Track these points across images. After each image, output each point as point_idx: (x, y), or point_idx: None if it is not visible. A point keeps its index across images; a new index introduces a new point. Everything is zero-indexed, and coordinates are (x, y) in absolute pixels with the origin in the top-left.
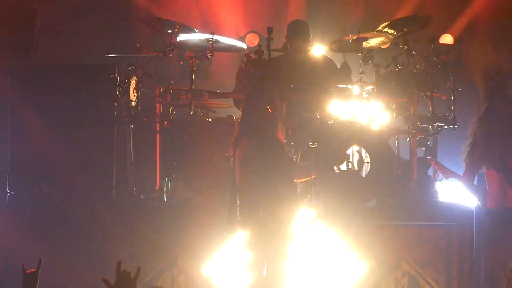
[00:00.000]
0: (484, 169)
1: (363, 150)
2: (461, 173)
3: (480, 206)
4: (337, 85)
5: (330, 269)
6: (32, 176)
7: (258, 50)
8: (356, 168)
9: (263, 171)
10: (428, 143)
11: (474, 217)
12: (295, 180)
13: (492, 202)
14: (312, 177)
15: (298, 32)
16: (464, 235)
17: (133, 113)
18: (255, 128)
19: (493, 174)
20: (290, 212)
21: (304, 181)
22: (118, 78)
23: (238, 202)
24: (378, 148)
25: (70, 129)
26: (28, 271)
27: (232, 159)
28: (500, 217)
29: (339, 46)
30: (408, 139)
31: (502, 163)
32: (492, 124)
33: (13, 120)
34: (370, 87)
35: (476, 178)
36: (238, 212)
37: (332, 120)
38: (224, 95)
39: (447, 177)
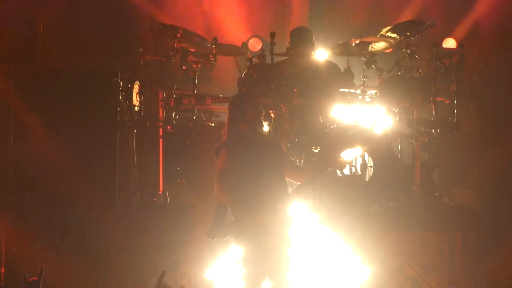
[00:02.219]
0: None
1: (366, 154)
2: None
3: None
4: (340, 90)
5: (334, 273)
6: (35, 181)
7: (261, 55)
8: (359, 172)
9: (247, 180)
10: None
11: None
12: (297, 182)
13: None
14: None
15: (301, 40)
16: (467, 240)
17: (136, 117)
18: (240, 134)
19: None
20: (283, 218)
21: (306, 183)
22: (121, 83)
23: (231, 214)
24: (381, 152)
25: (73, 134)
26: (30, 279)
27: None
28: None
29: (343, 50)
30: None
31: None
32: None
33: (15, 126)
34: (373, 91)
35: None
36: (228, 218)
37: (335, 125)
38: (227, 100)
39: None
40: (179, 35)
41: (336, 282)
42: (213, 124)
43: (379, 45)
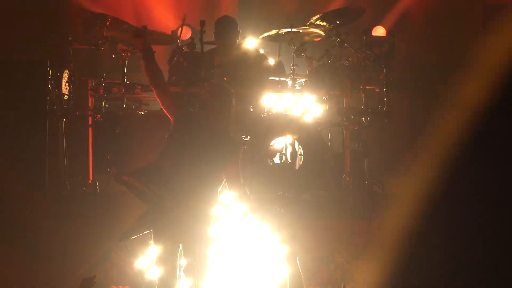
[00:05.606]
0: None
1: (296, 143)
2: None
3: None
4: (270, 78)
5: (261, 263)
6: None
7: (190, 43)
8: (289, 161)
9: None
10: None
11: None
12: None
13: None
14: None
15: (225, 29)
16: (398, 228)
17: (65, 106)
18: (212, 125)
19: None
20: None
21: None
22: (50, 71)
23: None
24: (311, 140)
25: (0, 123)
26: None
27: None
28: None
29: (273, 37)
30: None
31: None
32: None
33: None
34: (303, 80)
35: None
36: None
37: (266, 113)
38: None
39: None
40: (108, 23)
41: (264, 271)
42: (142, 113)
43: (308, 34)
